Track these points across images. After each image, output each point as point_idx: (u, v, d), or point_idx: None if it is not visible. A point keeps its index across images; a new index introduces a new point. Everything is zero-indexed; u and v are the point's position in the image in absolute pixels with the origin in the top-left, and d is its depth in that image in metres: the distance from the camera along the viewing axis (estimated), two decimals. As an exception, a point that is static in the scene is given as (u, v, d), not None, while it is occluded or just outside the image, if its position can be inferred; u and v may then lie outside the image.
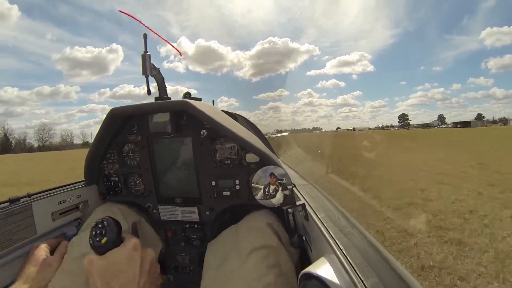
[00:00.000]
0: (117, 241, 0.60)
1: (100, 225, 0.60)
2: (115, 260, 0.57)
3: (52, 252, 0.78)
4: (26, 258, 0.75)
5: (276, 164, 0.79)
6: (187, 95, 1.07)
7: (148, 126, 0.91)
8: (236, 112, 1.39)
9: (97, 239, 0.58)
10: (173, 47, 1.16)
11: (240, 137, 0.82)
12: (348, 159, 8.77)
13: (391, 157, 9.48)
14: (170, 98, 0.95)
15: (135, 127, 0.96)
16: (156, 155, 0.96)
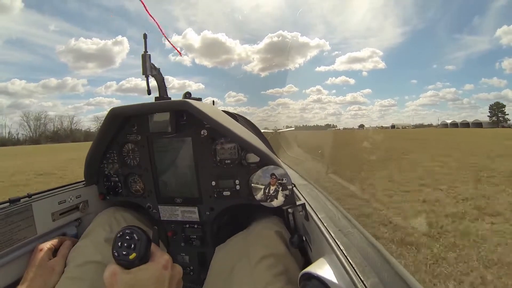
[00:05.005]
0: (146, 257, 0.53)
1: (128, 236, 0.52)
2: (142, 278, 0.51)
3: (54, 252, 0.78)
4: (26, 259, 0.75)
5: (276, 164, 0.79)
6: (187, 95, 1.07)
7: (148, 125, 0.92)
8: (239, 114, 1.39)
9: (124, 252, 0.51)
10: (173, 46, 1.16)
11: (240, 137, 0.82)
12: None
13: None
14: (170, 98, 0.95)
15: (135, 127, 0.96)
16: (156, 155, 0.96)
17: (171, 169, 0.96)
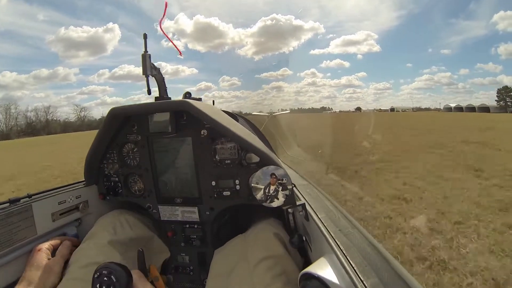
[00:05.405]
0: None
1: (105, 278, 0.50)
2: None
3: (53, 252, 0.78)
4: (26, 259, 0.75)
5: (276, 164, 0.79)
6: (187, 95, 1.07)
7: (148, 125, 0.92)
8: (238, 113, 1.39)
9: None
10: (175, 46, 1.17)
11: (240, 137, 0.82)
12: None
13: None
14: (170, 98, 0.95)
15: (135, 127, 0.96)
16: (156, 155, 0.96)
17: (171, 169, 0.96)
